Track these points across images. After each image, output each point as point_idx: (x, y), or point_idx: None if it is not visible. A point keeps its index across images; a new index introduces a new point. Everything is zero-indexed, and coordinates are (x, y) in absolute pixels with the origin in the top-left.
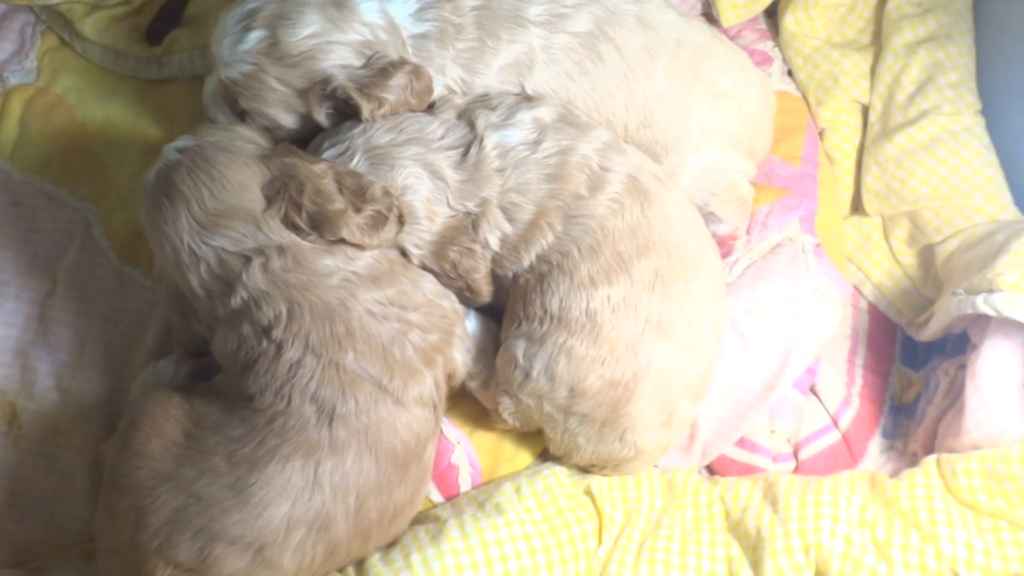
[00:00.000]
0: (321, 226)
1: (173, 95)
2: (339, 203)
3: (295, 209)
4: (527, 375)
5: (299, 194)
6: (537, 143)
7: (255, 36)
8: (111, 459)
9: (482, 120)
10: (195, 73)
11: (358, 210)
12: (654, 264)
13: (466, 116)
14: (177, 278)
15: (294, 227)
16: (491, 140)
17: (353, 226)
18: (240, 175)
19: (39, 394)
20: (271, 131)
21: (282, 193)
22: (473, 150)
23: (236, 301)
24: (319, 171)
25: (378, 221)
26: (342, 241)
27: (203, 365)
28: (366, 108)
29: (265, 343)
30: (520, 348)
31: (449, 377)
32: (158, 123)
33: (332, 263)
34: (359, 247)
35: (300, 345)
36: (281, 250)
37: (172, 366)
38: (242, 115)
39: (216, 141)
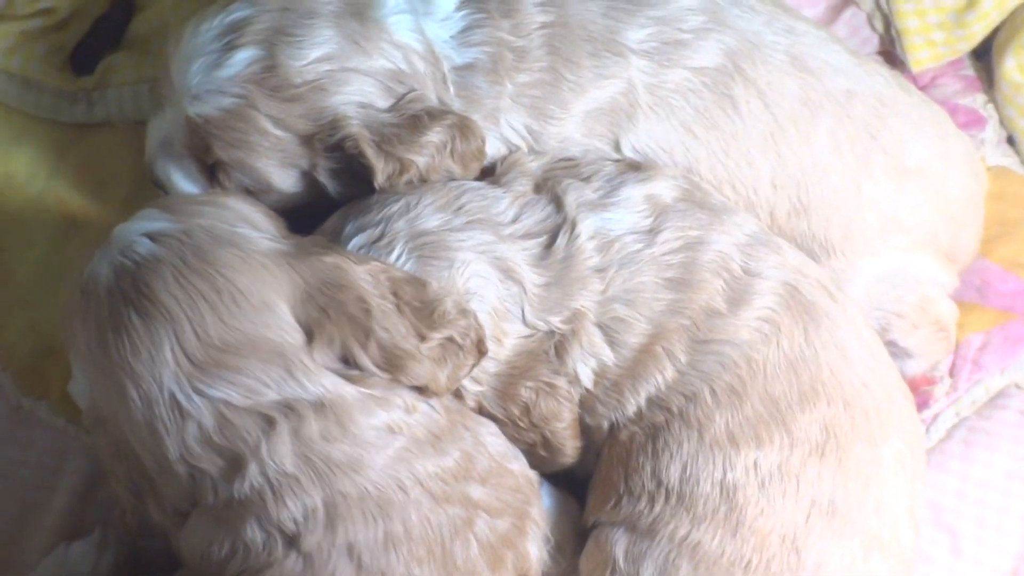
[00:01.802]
0: (396, 366)
1: (107, 147)
2: (410, 332)
3: (360, 344)
4: None
5: (365, 319)
6: (653, 232)
7: (244, 57)
8: None
9: (573, 196)
10: (140, 117)
11: (423, 338)
12: (824, 417)
13: (548, 189)
14: (139, 439)
15: (344, 368)
16: (587, 226)
17: (427, 363)
18: (259, 285)
19: None
20: (254, 198)
21: (333, 318)
22: (561, 240)
23: (242, 487)
24: (373, 278)
25: (450, 352)
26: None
27: (142, 554)
28: (381, 172)
29: (281, 552)
30: (620, 542)
31: None
32: (83, 187)
33: (386, 422)
34: (424, 393)
35: (341, 558)
36: (320, 407)
37: (92, 552)
38: (211, 171)
39: (211, 226)
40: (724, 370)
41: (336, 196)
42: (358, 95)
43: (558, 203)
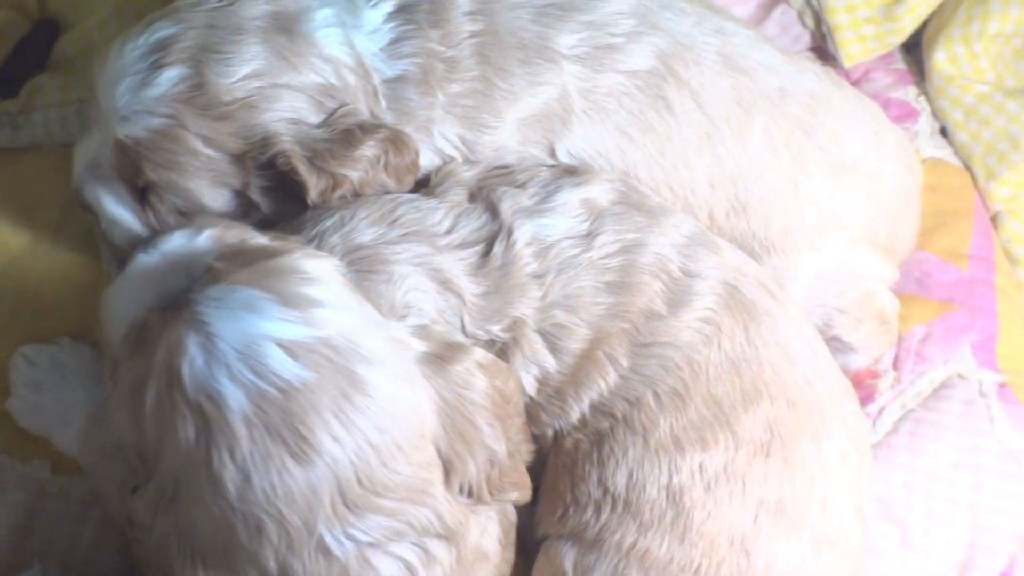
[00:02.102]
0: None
1: (34, 171)
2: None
3: (487, 480)
4: None
5: (493, 456)
6: (591, 236)
7: (171, 76)
8: None
9: (508, 203)
10: (68, 140)
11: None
12: (768, 416)
13: (483, 198)
14: (249, 558)
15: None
16: (523, 232)
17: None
18: (415, 418)
19: None
20: (187, 219)
21: (469, 456)
22: (498, 248)
23: None
24: (491, 395)
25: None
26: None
27: None
28: (314, 188)
29: None
30: (568, 555)
31: None
32: (11, 213)
33: (476, 544)
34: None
35: None
36: (450, 543)
37: None
38: (141, 194)
39: (351, 332)
40: (667, 373)
41: (269, 214)
42: (289, 111)
43: (493, 211)
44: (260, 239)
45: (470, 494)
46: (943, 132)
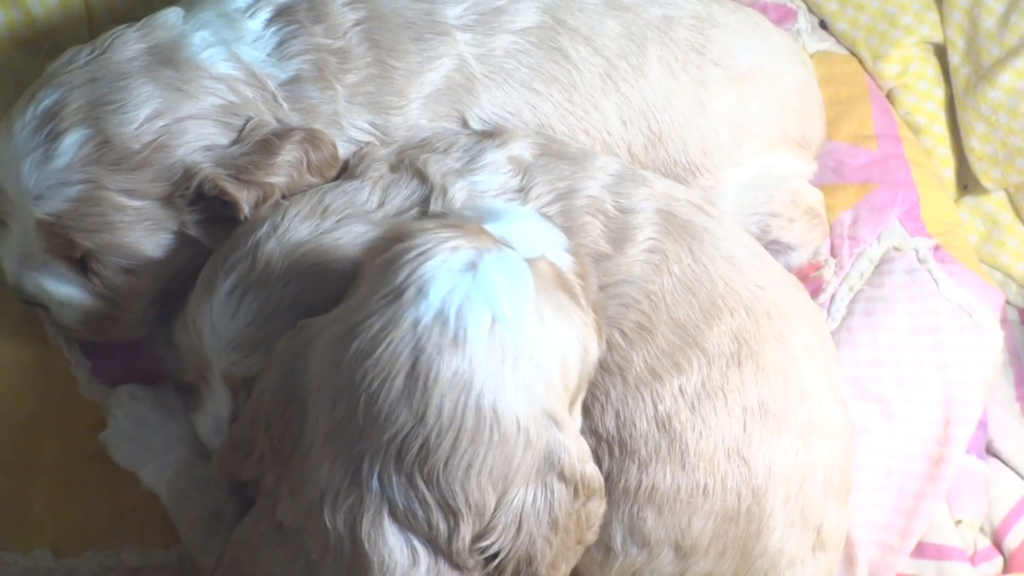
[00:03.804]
0: None
1: None
2: None
3: None
4: (608, 551)
5: None
6: (524, 191)
7: (72, 141)
8: None
9: (435, 166)
10: None
11: None
12: (731, 327)
13: (407, 166)
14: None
15: None
16: (458, 189)
17: None
18: None
19: None
20: (135, 275)
21: None
22: (435, 207)
23: None
24: None
25: None
26: None
27: None
28: (245, 202)
29: None
30: None
31: None
32: None
33: None
34: None
35: None
36: None
37: None
38: (81, 265)
39: None
40: (627, 310)
41: (213, 247)
42: (200, 140)
43: (421, 176)
44: None
45: None
46: (823, 25)
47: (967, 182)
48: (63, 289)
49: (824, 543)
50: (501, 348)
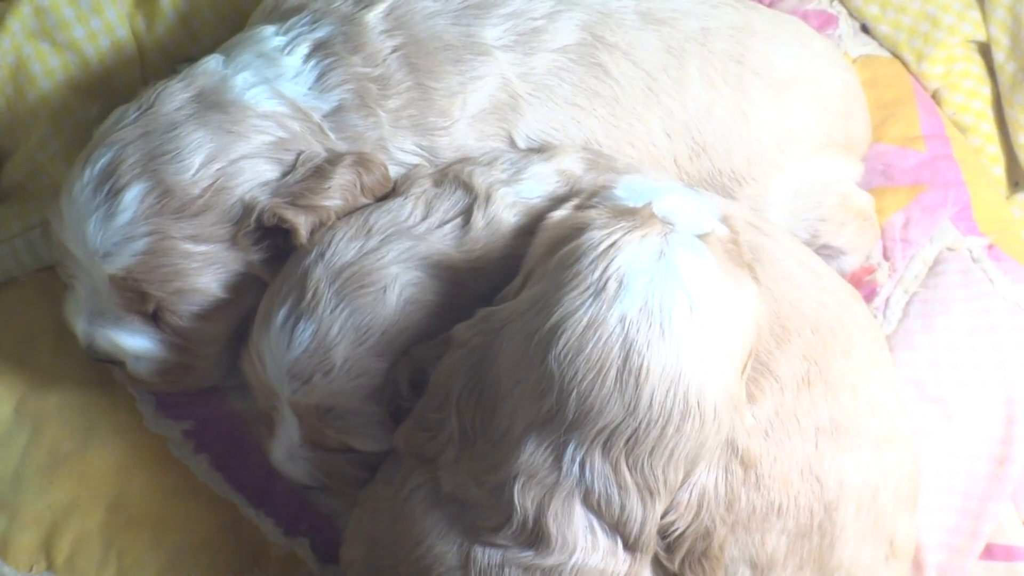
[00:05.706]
0: None
1: (16, 304)
2: None
3: None
4: None
5: None
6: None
7: (134, 195)
8: None
9: (481, 177)
10: (41, 264)
11: None
12: (800, 349)
13: (451, 179)
14: None
15: None
16: (502, 195)
17: None
18: None
19: None
20: (207, 319)
21: None
22: (477, 214)
23: None
24: None
25: None
26: None
27: None
28: (303, 227)
29: None
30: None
31: None
32: (9, 354)
33: None
34: None
35: None
36: None
37: None
38: (153, 317)
39: None
40: None
41: None
42: (256, 177)
43: (467, 187)
44: None
45: None
46: (864, 30)
47: (1018, 179)
48: (137, 342)
49: (897, 552)
50: (701, 337)
